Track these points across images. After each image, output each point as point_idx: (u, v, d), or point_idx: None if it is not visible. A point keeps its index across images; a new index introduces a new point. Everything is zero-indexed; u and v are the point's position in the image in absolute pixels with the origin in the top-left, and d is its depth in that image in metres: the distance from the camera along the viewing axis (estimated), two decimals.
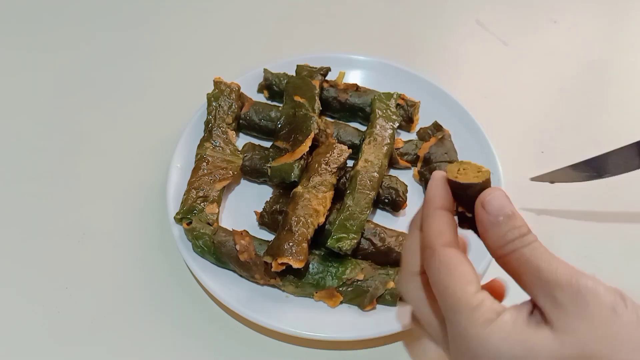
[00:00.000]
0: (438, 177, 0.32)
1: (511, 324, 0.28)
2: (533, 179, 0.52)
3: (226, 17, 0.72)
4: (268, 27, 0.71)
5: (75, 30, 0.70)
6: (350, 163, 0.52)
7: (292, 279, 0.46)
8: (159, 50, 0.68)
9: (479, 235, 0.31)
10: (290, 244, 0.44)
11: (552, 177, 0.49)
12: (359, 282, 0.46)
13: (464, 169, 0.31)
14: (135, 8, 0.72)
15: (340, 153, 0.50)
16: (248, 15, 0.72)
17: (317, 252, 0.48)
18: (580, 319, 0.27)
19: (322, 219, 0.47)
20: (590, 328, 0.26)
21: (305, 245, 0.45)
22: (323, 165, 0.49)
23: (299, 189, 0.48)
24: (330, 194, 0.48)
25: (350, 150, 0.51)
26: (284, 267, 0.44)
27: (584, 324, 0.27)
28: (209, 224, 0.49)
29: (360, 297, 0.46)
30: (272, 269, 0.44)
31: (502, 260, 0.29)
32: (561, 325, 0.27)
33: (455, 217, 0.32)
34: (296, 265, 0.44)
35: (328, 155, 0.50)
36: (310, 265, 0.46)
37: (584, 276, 0.27)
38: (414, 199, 0.52)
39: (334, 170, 0.49)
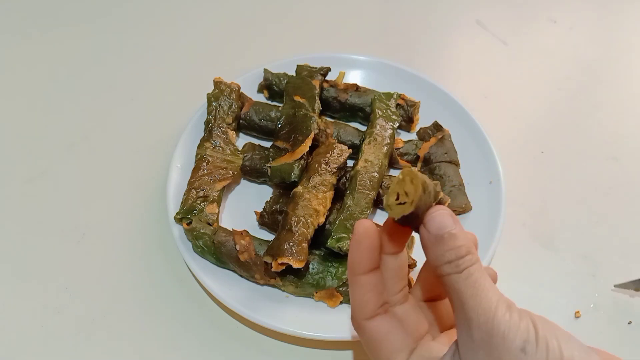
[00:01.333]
0: (360, 235, 0.31)
1: None
2: (617, 286, 0.49)
3: (226, 17, 0.72)
4: (268, 27, 0.71)
5: (75, 29, 0.70)
6: (350, 163, 0.52)
7: (292, 279, 0.46)
8: (159, 50, 0.68)
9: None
10: (290, 244, 0.44)
11: (637, 286, 0.49)
12: None
13: (405, 192, 0.29)
14: (136, 8, 0.72)
15: (340, 153, 0.50)
16: (248, 15, 0.72)
17: (317, 252, 0.48)
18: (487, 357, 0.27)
19: (322, 219, 0.47)
20: None
21: (305, 245, 0.45)
22: (323, 165, 0.49)
23: (299, 189, 0.48)
24: (330, 194, 0.48)
25: (350, 150, 0.51)
26: (284, 267, 0.44)
27: None
28: (209, 224, 0.49)
29: None
30: (272, 269, 0.44)
31: (442, 279, 0.29)
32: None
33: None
34: (296, 265, 0.44)
35: (328, 155, 0.50)
36: (310, 265, 0.46)
37: (501, 311, 0.27)
38: None
39: (334, 170, 0.49)
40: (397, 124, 0.54)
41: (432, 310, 0.35)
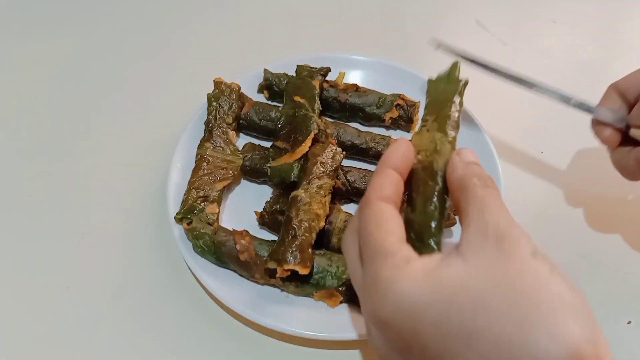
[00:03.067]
0: (402, 142, 0.35)
1: (422, 265, 0.29)
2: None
3: (226, 17, 0.72)
4: (268, 27, 0.71)
5: (74, 29, 0.70)
6: None
7: (293, 279, 0.46)
8: (159, 50, 0.68)
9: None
10: (295, 250, 0.44)
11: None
12: None
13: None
14: (135, 8, 0.72)
15: (334, 155, 0.50)
16: (248, 15, 0.72)
17: (317, 252, 0.48)
18: (495, 253, 0.28)
19: (322, 223, 0.47)
20: (503, 264, 0.27)
21: (310, 251, 0.45)
22: (321, 168, 0.49)
23: (300, 192, 0.48)
24: (329, 198, 0.48)
25: (344, 153, 0.51)
26: (289, 273, 0.44)
27: (498, 258, 0.28)
28: (209, 223, 0.49)
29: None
30: (278, 275, 0.44)
31: (460, 191, 0.32)
32: (474, 257, 0.28)
33: None
34: (302, 271, 0.43)
35: (323, 156, 0.50)
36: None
37: (520, 228, 0.29)
38: None
39: (331, 173, 0.49)
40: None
41: None
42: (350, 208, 0.53)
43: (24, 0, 0.73)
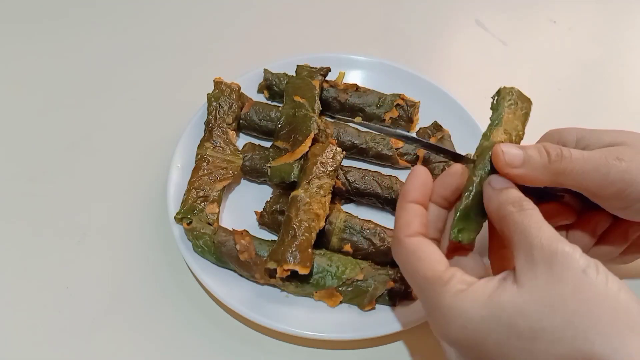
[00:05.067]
0: (418, 172, 0.35)
1: (481, 290, 0.30)
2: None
3: (226, 17, 0.72)
4: (268, 27, 0.71)
5: (74, 29, 0.70)
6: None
7: (293, 279, 0.46)
8: (159, 50, 0.68)
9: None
10: (295, 250, 0.44)
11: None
12: (358, 282, 0.46)
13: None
14: (135, 7, 0.72)
15: (334, 155, 0.50)
16: (248, 15, 0.72)
17: (317, 252, 0.48)
18: (547, 276, 0.28)
19: (322, 223, 0.47)
20: (555, 286, 0.28)
21: (310, 251, 0.45)
22: (321, 168, 0.49)
23: (300, 192, 0.48)
24: (329, 198, 0.48)
25: (344, 153, 0.51)
26: (289, 273, 0.44)
27: (550, 281, 0.28)
28: (209, 223, 0.49)
29: (359, 297, 0.46)
30: (278, 275, 0.44)
31: (503, 221, 0.32)
32: (528, 282, 0.29)
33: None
34: (302, 271, 0.44)
35: (323, 156, 0.50)
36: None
37: (564, 242, 0.29)
38: None
39: (331, 173, 0.49)
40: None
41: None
42: (350, 208, 0.53)
43: (27, 2, 0.73)
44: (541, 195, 0.38)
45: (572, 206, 0.41)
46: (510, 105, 0.40)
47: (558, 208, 0.41)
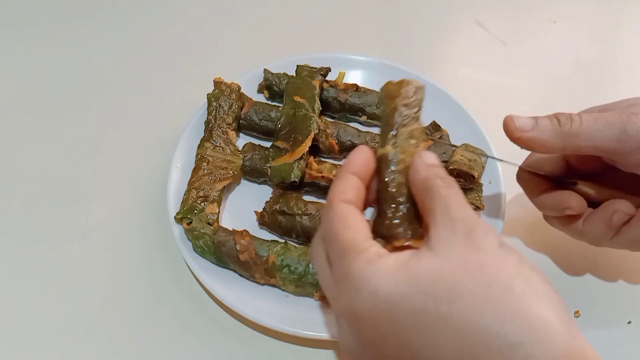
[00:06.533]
0: (364, 149, 0.36)
1: (394, 259, 0.30)
2: None
3: (226, 17, 0.72)
4: (268, 27, 0.71)
5: (74, 29, 0.70)
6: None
7: (293, 278, 0.46)
8: (159, 50, 0.68)
9: None
10: (403, 222, 0.35)
11: None
12: None
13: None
14: (135, 7, 0.72)
15: (415, 91, 0.39)
16: (248, 15, 0.72)
17: None
18: (466, 245, 0.29)
19: None
20: (474, 253, 0.29)
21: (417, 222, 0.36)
22: (405, 111, 0.38)
23: (388, 149, 0.37)
24: (424, 145, 0.38)
25: (424, 85, 0.40)
26: (400, 250, 0.36)
27: (469, 249, 0.29)
28: (209, 223, 0.49)
29: None
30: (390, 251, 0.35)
31: (424, 192, 0.32)
32: (445, 250, 0.29)
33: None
34: (417, 245, 0.35)
35: (403, 96, 0.39)
36: (310, 265, 0.46)
37: (484, 222, 0.30)
38: None
39: (418, 114, 0.39)
40: None
41: None
42: None
43: (26, 2, 0.73)
44: (555, 183, 0.39)
45: (584, 194, 0.41)
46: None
47: (571, 195, 0.41)
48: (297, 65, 0.59)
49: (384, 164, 0.36)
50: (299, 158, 0.50)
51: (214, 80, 0.56)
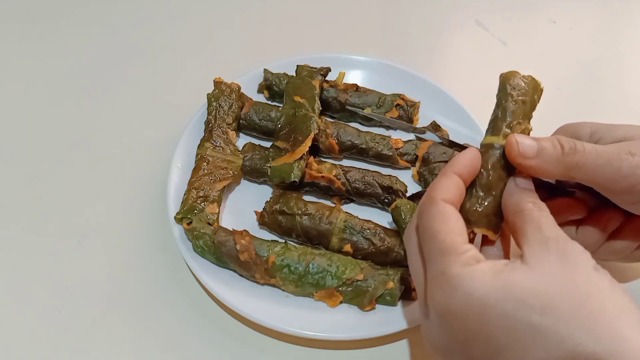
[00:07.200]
0: (472, 152, 0.36)
1: (491, 266, 0.31)
2: None
3: (226, 17, 0.72)
4: (268, 27, 0.71)
5: (75, 29, 0.70)
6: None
7: (292, 278, 0.46)
8: (159, 50, 0.68)
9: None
10: (490, 212, 0.36)
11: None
12: (358, 282, 0.46)
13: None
14: (135, 7, 0.72)
15: (534, 87, 0.39)
16: (248, 15, 0.72)
17: (317, 252, 0.48)
18: (560, 264, 0.30)
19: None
20: (568, 273, 0.30)
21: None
22: (522, 107, 0.38)
23: (499, 138, 0.37)
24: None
25: (542, 87, 0.41)
26: (474, 236, 0.39)
27: (564, 268, 0.30)
28: (209, 223, 0.49)
29: (359, 297, 0.46)
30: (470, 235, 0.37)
31: (515, 214, 0.34)
32: (539, 266, 0.30)
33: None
34: (492, 238, 0.37)
35: (516, 86, 0.39)
36: (310, 265, 0.46)
37: (577, 244, 0.31)
38: None
39: (530, 114, 0.39)
40: None
41: None
42: (350, 208, 0.53)
43: (26, 2, 0.73)
44: (553, 190, 0.39)
45: (584, 202, 0.42)
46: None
47: (569, 203, 0.41)
48: (297, 65, 0.59)
49: (490, 152, 0.37)
50: (299, 158, 0.50)
51: (214, 80, 0.56)
